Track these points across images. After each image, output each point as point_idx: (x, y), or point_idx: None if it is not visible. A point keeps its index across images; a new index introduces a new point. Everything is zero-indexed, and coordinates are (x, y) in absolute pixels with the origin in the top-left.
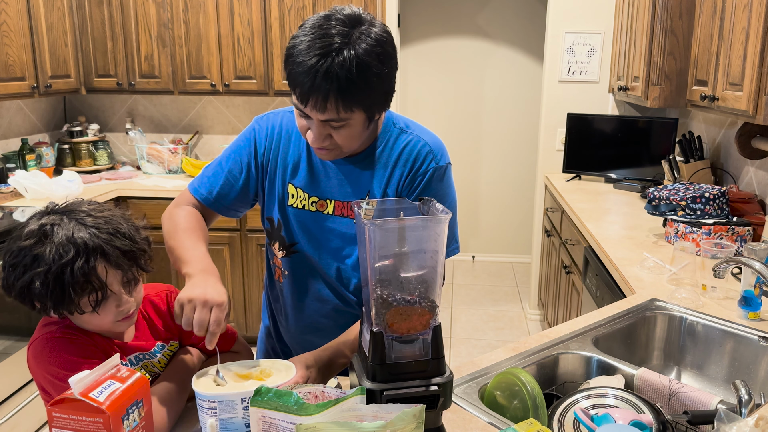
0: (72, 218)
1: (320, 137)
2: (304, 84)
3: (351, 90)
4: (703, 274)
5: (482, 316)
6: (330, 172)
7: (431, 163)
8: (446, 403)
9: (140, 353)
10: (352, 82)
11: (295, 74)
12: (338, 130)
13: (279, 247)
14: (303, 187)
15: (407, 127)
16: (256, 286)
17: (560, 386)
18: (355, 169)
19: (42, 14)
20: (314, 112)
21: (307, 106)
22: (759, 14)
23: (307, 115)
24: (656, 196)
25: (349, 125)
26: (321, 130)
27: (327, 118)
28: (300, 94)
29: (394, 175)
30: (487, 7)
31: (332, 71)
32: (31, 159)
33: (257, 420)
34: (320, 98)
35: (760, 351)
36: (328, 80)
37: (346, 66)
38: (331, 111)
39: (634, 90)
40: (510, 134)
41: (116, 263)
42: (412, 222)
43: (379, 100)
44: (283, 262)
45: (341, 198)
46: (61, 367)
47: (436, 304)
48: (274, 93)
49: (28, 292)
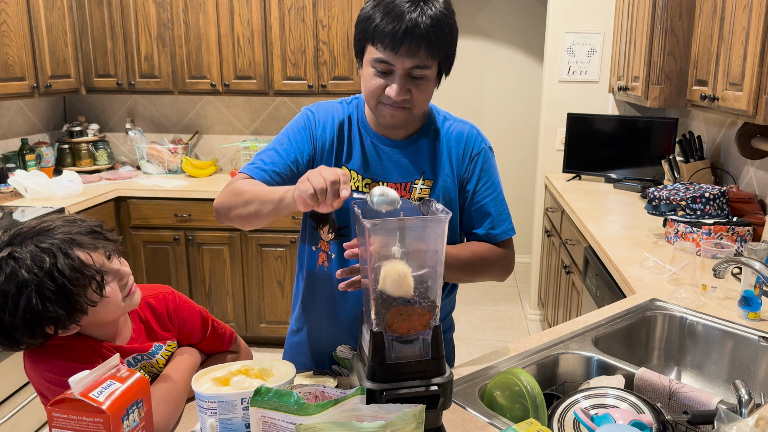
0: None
1: (402, 89)
2: (398, 28)
3: (440, 36)
4: (703, 274)
5: (482, 316)
6: (382, 155)
7: (482, 143)
8: (446, 403)
9: (138, 354)
10: (442, 28)
11: (383, 25)
12: (418, 83)
13: (329, 229)
14: (357, 170)
15: (449, 116)
16: (256, 286)
17: (560, 386)
18: (406, 151)
19: (42, 14)
20: (403, 58)
21: (399, 51)
22: (759, 14)
23: (387, 71)
24: (656, 196)
25: (427, 78)
26: (403, 82)
27: (414, 64)
28: (391, 41)
29: (449, 156)
30: (487, 7)
31: (426, 16)
32: (31, 159)
33: (257, 420)
34: (414, 41)
35: (760, 351)
36: (423, 22)
37: (436, 15)
38: (420, 56)
39: (634, 90)
40: (510, 134)
41: (91, 245)
42: (412, 222)
43: (452, 55)
44: (331, 245)
45: (394, 180)
46: (58, 373)
47: (436, 304)
48: (274, 93)
49: (32, 318)
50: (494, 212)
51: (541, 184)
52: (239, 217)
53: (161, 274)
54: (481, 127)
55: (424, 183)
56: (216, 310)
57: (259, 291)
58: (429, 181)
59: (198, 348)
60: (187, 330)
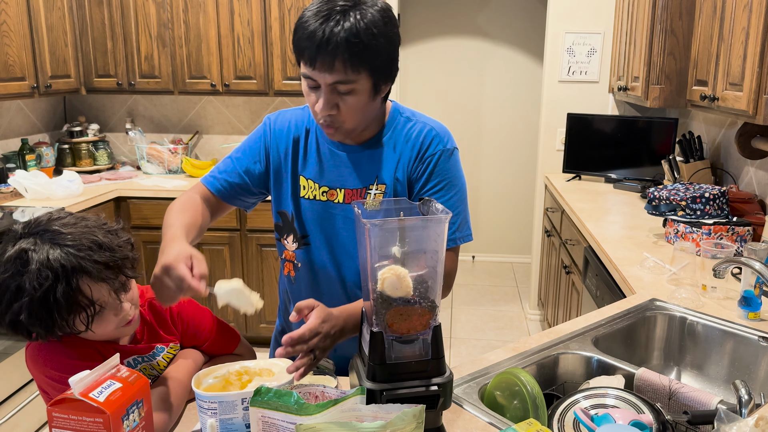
0: (46, 239)
1: (328, 104)
2: (312, 44)
3: (358, 47)
4: (703, 274)
5: (482, 316)
6: (338, 161)
7: (438, 145)
8: (446, 403)
9: (138, 356)
10: (359, 38)
11: (303, 38)
12: (345, 96)
13: (292, 239)
14: (313, 178)
15: (413, 116)
16: (256, 286)
17: (560, 386)
18: (362, 156)
19: (42, 14)
20: (322, 73)
21: (316, 66)
22: (759, 14)
23: (315, 86)
24: (656, 196)
25: (356, 92)
26: (329, 97)
27: (335, 79)
28: (308, 56)
29: (402, 159)
30: (487, 7)
31: (340, 28)
32: (31, 159)
33: (257, 420)
34: (328, 57)
35: (760, 351)
36: (335, 37)
37: (354, 24)
38: (339, 71)
39: (634, 90)
40: (510, 134)
41: (100, 278)
42: (412, 222)
43: (384, 65)
44: (296, 254)
45: (351, 186)
46: (59, 370)
47: (436, 304)
48: (274, 93)
49: (18, 324)
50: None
51: (541, 184)
52: None
53: None
54: (481, 128)
55: (377, 188)
56: (216, 310)
57: (259, 291)
58: (382, 186)
59: (202, 350)
60: (191, 332)
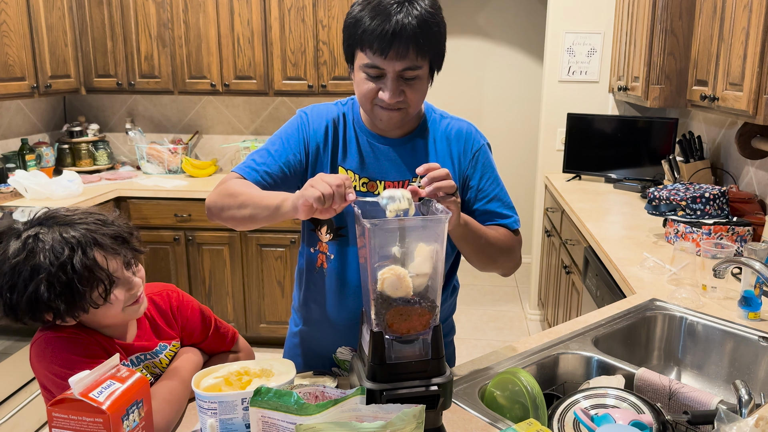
0: (52, 224)
1: (396, 91)
2: (385, 33)
3: (428, 35)
4: (703, 274)
5: (482, 316)
6: (379, 153)
7: (480, 139)
8: (446, 403)
9: (142, 353)
10: (429, 27)
11: (371, 29)
12: (411, 83)
13: (327, 230)
14: (353, 169)
15: (445, 114)
16: (256, 286)
17: (560, 386)
18: (402, 150)
19: (42, 14)
20: (393, 61)
21: (388, 55)
22: (759, 14)
23: (378, 75)
24: (656, 196)
25: (420, 78)
26: (396, 85)
27: (404, 66)
28: (380, 45)
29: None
30: (487, 7)
31: (411, 18)
32: (31, 159)
33: (257, 420)
34: (402, 43)
35: (760, 351)
36: (409, 25)
37: (421, 15)
38: (410, 57)
39: (634, 90)
40: (510, 134)
41: (112, 249)
42: (412, 222)
43: (441, 52)
44: (330, 246)
45: (391, 178)
46: (63, 365)
47: (436, 304)
48: (274, 93)
49: (36, 304)
50: (503, 204)
51: (541, 184)
52: (232, 218)
53: (161, 274)
54: (481, 127)
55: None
56: (216, 310)
57: (259, 291)
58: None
59: (200, 347)
60: (189, 328)
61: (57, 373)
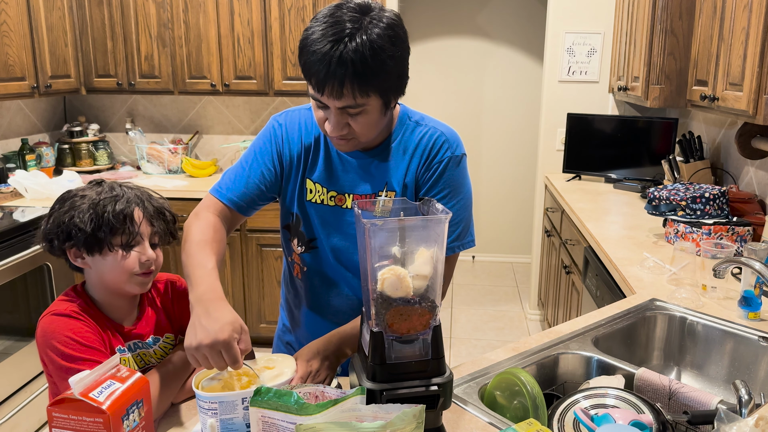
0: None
1: (338, 126)
2: (319, 71)
3: (366, 74)
4: (703, 274)
5: (482, 316)
6: (348, 166)
7: (447, 152)
8: (446, 403)
9: (138, 341)
10: (366, 65)
11: (310, 63)
12: (355, 117)
13: (298, 242)
14: (321, 182)
15: (422, 120)
16: (256, 286)
17: (560, 386)
18: (372, 161)
19: (42, 14)
20: (331, 99)
21: (324, 93)
22: (759, 14)
23: (325, 105)
24: (656, 196)
25: (366, 112)
26: (339, 119)
27: (344, 104)
28: (316, 83)
29: (412, 164)
30: (487, 7)
31: (347, 56)
32: (31, 159)
33: (257, 420)
34: (336, 84)
35: (760, 351)
36: (343, 65)
37: (360, 50)
38: (347, 97)
39: (634, 90)
40: (510, 134)
41: (149, 216)
42: (412, 222)
43: (394, 84)
44: (303, 258)
45: (360, 192)
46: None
47: (436, 304)
48: (274, 93)
49: (68, 224)
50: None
51: (541, 184)
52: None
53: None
54: (481, 128)
55: (387, 194)
56: None
57: (259, 291)
58: (392, 192)
59: None
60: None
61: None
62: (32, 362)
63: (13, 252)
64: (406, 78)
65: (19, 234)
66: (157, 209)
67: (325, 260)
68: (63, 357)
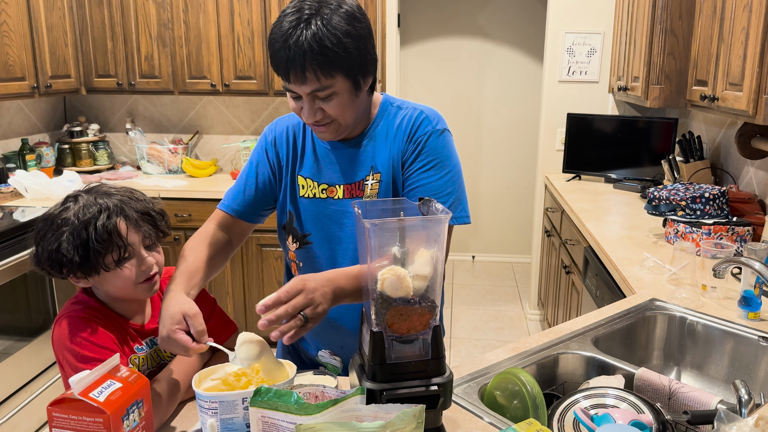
0: (94, 191)
1: (312, 111)
2: (281, 59)
3: (325, 54)
4: (703, 274)
5: (482, 316)
6: (334, 159)
7: (427, 126)
8: (446, 403)
9: (154, 337)
10: (324, 46)
11: (273, 53)
12: (327, 101)
13: (292, 239)
14: (311, 177)
15: (404, 104)
16: (256, 286)
17: (560, 386)
18: (357, 150)
19: (42, 14)
20: (297, 85)
21: (290, 80)
22: (759, 14)
23: (298, 95)
24: (656, 196)
25: (336, 94)
26: (311, 104)
27: (311, 89)
28: (282, 71)
29: (395, 145)
30: (487, 7)
31: (304, 39)
32: (31, 159)
33: (257, 420)
34: (298, 69)
35: (760, 351)
36: (300, 48)
37: (317, 33)
38: (312, 81)
39: (634, 90)
40: (510, 134)
41: (136, 223)
42: (412, 222)
43: (357, 63)
44: (297, 254)
45: (348, 181)
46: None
47: (436, 304)
48: (274, 93)
49: (56, 255)
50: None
51: (541, 184)
52: None
53: None
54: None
55: (373, 177)
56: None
57: (259, 291)
58: (377, 174)
59: None
60: None
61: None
62: (32, 362)
63: (13, 252)
64: (371, 57)
65: (19, 234)
66: (140, 212)
67: (320, 255)
68: (79, 358)
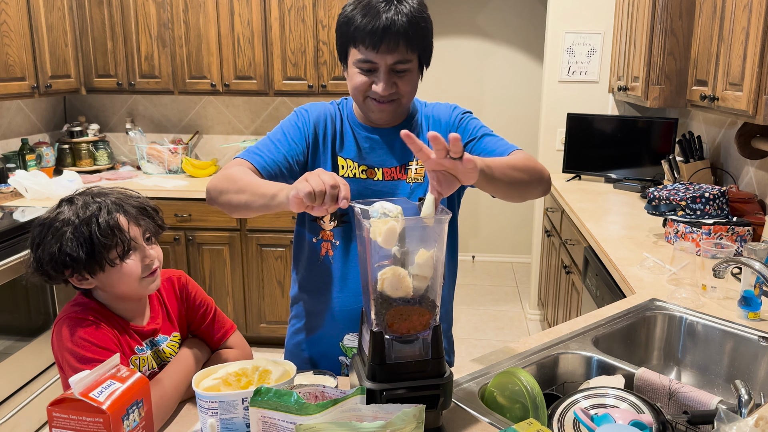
0: (87, 193)
1: (388, 83)
2: (377, 27)
3: (416, 29)
4: (703, 274)
5: (482, 316)
6: (374, 144)
7: (456, 110)
8: (446, 403)
9: (154, 338)
10: (417, 23)
11: (363, 26)
12: (401, 75)
13: (331, 218)
14: (352, 158)
15: (428, 103)
16: (256, 286)
17: (560, 386)
18: (396, 138)
19: (42, 14)
20: (384, 55)
21: (380, 48)
22: (759, 14)
23: (371, 69)
24: (656, 196)
25: (410, 71)
26: (388, 77)
27: (396, 59)
28: (372, 41)
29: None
30: (487, 7)
31: (401, 13)
32: (31, 159)
33: (257, 420)
34: (393, 39)
35: (760, 351)
36: (399, 21)
37: (410, 11)
38: (401, 50)
39: (634, 90)
40: (510, 134)
41: (135, 218)
42: (412, 222)
43: (429, 47)
44: (335, 233)
45: (390, 164)
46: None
47: (436, 304)
48: (274, 93)
49: (60, 256)
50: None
51: None
52: (229, 203)
53: None
54: None
55: (418, 164)
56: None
57: (259, 291)
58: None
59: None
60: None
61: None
62: (32, 362)
63: (14, 252)
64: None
65: (19, 234)
66: (138, 208)
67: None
68: (79, 359)
